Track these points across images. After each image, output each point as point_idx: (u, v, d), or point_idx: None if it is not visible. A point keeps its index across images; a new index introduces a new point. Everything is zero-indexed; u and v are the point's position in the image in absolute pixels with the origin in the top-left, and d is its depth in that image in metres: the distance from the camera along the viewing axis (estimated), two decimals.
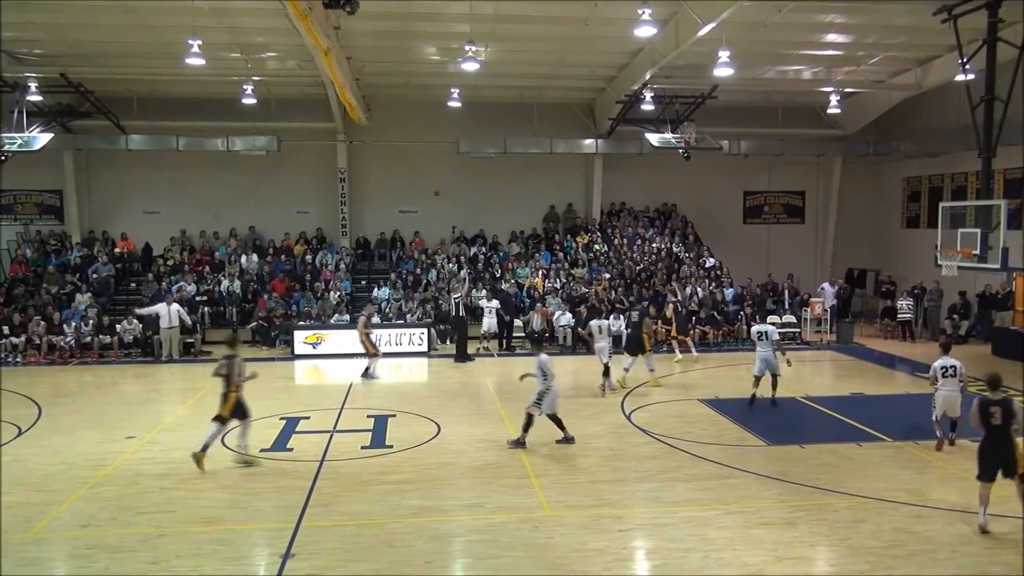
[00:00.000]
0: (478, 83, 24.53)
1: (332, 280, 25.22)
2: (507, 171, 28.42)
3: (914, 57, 23.09)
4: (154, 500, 10.48)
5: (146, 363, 21.12)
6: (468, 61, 18.86)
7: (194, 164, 27.28)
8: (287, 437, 13.61)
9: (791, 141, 28.63)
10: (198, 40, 17.26)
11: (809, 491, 10.74)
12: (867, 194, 30.85)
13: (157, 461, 12.23)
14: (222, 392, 12.01)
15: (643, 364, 17.29)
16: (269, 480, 11.31)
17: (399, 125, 27.55)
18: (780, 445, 13.02)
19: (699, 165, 27.33)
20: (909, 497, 10.47)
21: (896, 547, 8.88)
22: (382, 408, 15.68)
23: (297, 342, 22.00)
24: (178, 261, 25.74)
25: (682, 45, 18.63)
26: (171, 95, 26.10)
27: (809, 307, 24.58)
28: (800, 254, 30.21)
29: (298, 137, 27.17)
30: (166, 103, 26.21)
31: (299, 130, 27.10)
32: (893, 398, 16.37)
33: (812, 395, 16.73)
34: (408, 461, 12.21)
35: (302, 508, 10.14)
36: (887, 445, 13.00)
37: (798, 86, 25.87)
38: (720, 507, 10.04)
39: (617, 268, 26.25)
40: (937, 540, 9.08)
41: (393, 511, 10.06)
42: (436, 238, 28.08)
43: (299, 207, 28.34)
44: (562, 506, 10.17)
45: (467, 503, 10.38)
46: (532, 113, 27.47)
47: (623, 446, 12.96)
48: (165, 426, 14.42)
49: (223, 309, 24.02)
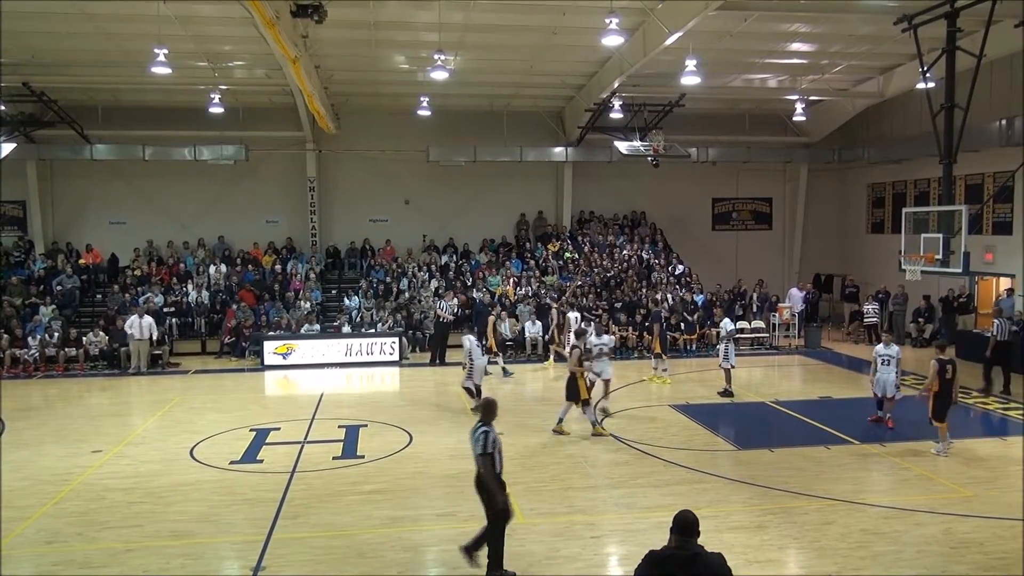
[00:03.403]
0: (448, 91, 24.56)
1: (302, 289, 25.07)
2: (477, 179, 28.47)
3: (877, 66, 23.51)
4: (121, 514, 10.33)
5: (112, 375, 20.82)
6: (437, 70, 18.87)
7: (161, 174, 26.97)
8: (257, 448, 13.49)
9: (758, 149, 28.99)
10: (164, 49, 17.08)
11: (779, 494, 10.86)
12: (833, 200, 31.29)
13: (124, 475, 12.06)
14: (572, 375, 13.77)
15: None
16: (239, 492, 11.20)
17: (369, 134, 27.51)
18: (750, 449, 13.17)
19: (668, 173, 27.58)
20: (876, 498, 10.64)
21: (863, 548, 9.01)
22: (353, 418, 15.61)
23: (267, 352, 21.81)
24: (145, 272, 25.43)
25: (650, 54, 18.79)
26: (137, 104, 25.84)
27: (777, 312, 24.88)
28: (768, 260, 30.60)
29: (267, 146, 27.01)
30: (131, 112, 25.93)
31: (267, 139, 26.95)
32: (860, 401, 16.58)
33: (781, 399, 16.91)
34: (380, 471, 12.16)
35: (273, 520, 10.06)
36: (854, 448, 13.18)
37: (764, 94, 26.21)
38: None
39: (587, 275, 26.36)
40: (903, 540, 9.24)
41: (365, 522, 10.02)
42: (407, 247, 28.04)
43: (268, 216, 28.14)
44: (534, 514, 10.20)
45: (439, 512, 10.36)
46: (502, 121, 27.56)
47: (594, 453, 13.01)
48: (132, 439, 14.21)
49: (191, 320, 23.79)
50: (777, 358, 22.99)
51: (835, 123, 28.06)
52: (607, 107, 24.13)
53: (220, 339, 23.27)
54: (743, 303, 25.62)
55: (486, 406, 8.40)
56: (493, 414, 8.36)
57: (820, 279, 30.01)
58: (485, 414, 8.31)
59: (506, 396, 18.15)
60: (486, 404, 8.43)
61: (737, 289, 26.38)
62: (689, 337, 23.55)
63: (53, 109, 23.91)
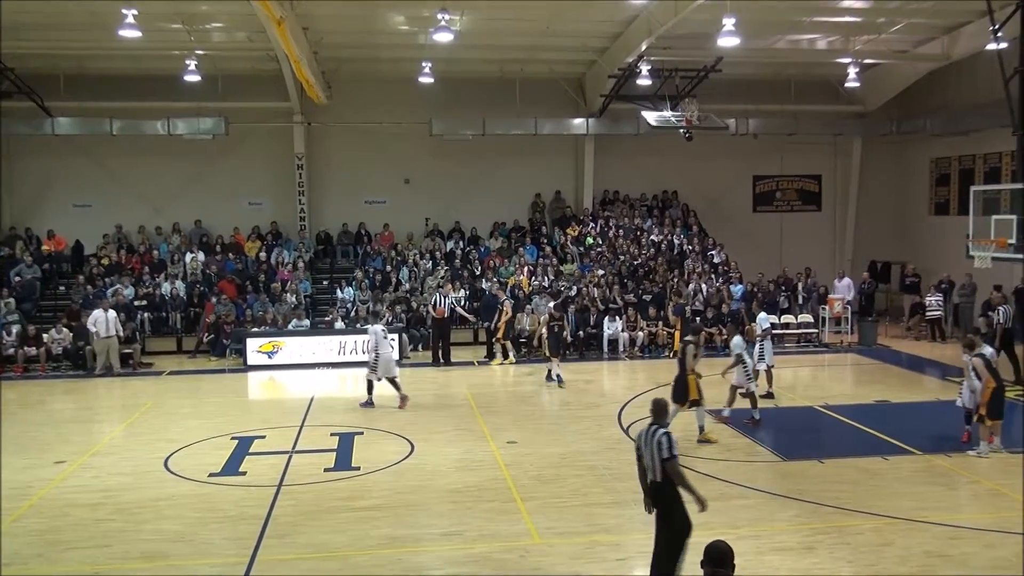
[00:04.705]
0: (452, 56, 24.47)
1: (290, 280, 25.11)
2: (487, 156, 28.39)
3: (941, 24, 23.27)
4: (87, 533, 10.36)
5: (78, 377, 20.92)
6: (441, 31, 18.82)
7: (131, 151, 27.00)
8: (239, 459, 13.50)
9: (805, 119, 28.78)
10: (133, 10, 17.11)
11: (829, 511, 10.79)
12: (890, 178, 31.04)
13: (91, 489, 12.09)
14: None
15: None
16: (219, 508, 11.22)
17: (364, 105, 27.45)
18: (796, 460, 13.08)
19: (703, 147, 27.41)
20: (941, 516, 10.53)
21: (926, 572, 8.93)
22: (347, 425, 15.62)
23: (250, 351, 21.86)
24: (114, 261, 25.52)
25: (682, 12, 18.68)
26: (103, 72, 25.83)
27: (827, 305, 24.72)
28: (817, 245, 30.41)
29: (249, 119, 26.99)
30: (98, 82, 25.93)
31: (250, 111, 26.93)
32: (922, 405, 16.48)
33: (832, 403, 16.79)
34: (377, 485, 12.16)
35: (257, 540, 10.06)
36: (916, 458, 13.08)
37: (812, 57, 26.00)
38: (730, 531, 10.02)
39: (612, 263, 26.27)
40: (972, 564, 9.14)
41: (360, 541, 10.01)
42: (407, 232, 28.03)
43: (251, 198, 28.19)
44: (552, 533, 10.17)
45: (444, 531, 10.34)
46: (514, 90, 27.44)
47: (620, 464, 12.90)
48: (100, 449, 14.25)
49: (165, 315, 23.86)
50: (827, 357, 22.87)
51: (893, 90, 27.81)
52: (633, 73, 23.97)
53: (198, 336, 23.33)
54: (788, 294, 25.49)
55: (659, 406, 8.54)
56: (666, 414, 8.56)
57: (876, 267, 29.80)
58: (658, 415, 8.43)
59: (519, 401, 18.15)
60: (659, 404, 8.57)
61: (781, 278, 26.24)
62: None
63: (10, 78, 23.91)
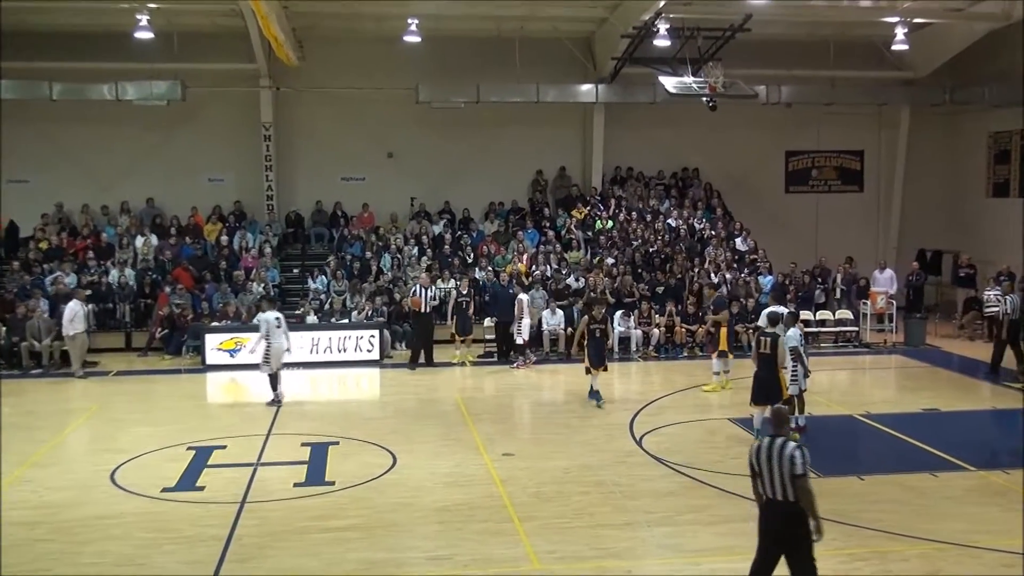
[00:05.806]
0: (443, 12, 24.47)
1: (255, 268, 25.09)
2: (481, 127, 28.38)
3: None
4: (23, 556, 10.35)
5: (11, 378, 20.85)
6: None
7: (74, 118, 26.97)
8: (197, 472, 13.50)
9: (845, 87, 28.76)
10: None
11: (871, 535, 10.81)
12: (942, 154, 31.07)
13: (27, 505, 12.08)
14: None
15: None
16: (173, 528, 11.21)
17: (341, 67, 27.40)
18: (833, 476, 13.05)
19: (728, 118, 27.32)
20: (996, 541, 10.54)
21: None
22: (320, 434, 15.59)
23: (209, 348, 21.87)
24: (54, 245, 25.47)
25: None
26: (42, 28, 25.76)
27: (869, 299, 24.70)
28: (858, 231, 30.48)
29: (209, 83, 26.93)
30: (35, 39, 25.81)
31: (210, 73, 26.87)
32: (976, 415, 16.50)
33: (873, 412, 16.82)
34: (354, 502, 12.17)
35: (217, 564, 10.07)
36: (969, 475, 13.10)
37: (854, 16, 25.91)
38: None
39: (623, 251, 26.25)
40: None
41: (335, 566, 10.02)
42: (389, 213, 28.03)
43: (211, 174, 28.19)
44: (553, 558, 10.17)
45: (431, 555, 10.36)
46: (513, 52, 27.32)
47: (631, 480, 12.97)
48: (38, 460, 14.24)
49: (113, 306, 23.82)
50: (869, 358, 22.92)
51: (946, 54, 27.77)
52: (650, 32, 23.89)
53: (149, 332, 23.25)
54: (825, 287, 25.48)
55: (781, 416, 8.67)
56: (787, 423, 8.69)
57: (925, 256, 29.82)
58: (779, 425, 8.52)
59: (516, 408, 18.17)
60: (780, 414, 8.71)
61: (817, 269, 26.23)
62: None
63: None
